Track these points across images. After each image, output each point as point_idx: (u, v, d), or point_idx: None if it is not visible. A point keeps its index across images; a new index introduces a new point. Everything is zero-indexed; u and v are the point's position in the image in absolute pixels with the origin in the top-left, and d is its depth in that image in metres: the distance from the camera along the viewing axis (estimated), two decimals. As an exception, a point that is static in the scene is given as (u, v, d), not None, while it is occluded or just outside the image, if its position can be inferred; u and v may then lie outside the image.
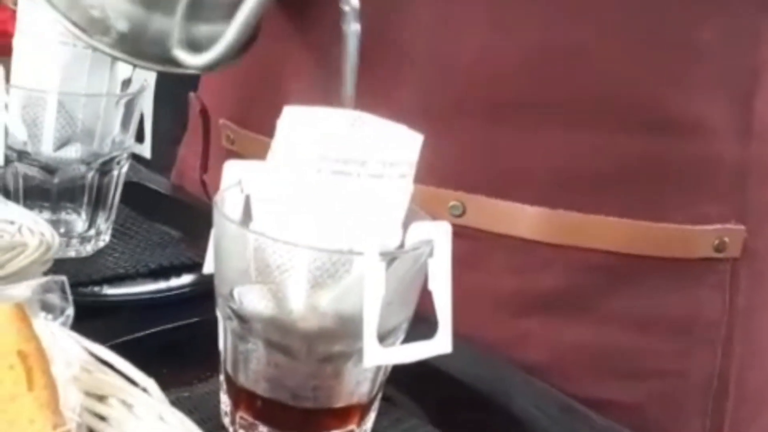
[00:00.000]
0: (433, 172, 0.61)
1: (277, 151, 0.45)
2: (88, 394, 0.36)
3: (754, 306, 0.66)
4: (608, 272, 0.63)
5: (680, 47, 0.62)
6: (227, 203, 0.46)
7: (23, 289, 0.34)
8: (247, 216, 0.47)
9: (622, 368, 0.64)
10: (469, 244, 0.62)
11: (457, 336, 0.45)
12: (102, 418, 0.36)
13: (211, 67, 0.58)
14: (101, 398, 0.37)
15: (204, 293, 0.57)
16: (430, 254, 0.45)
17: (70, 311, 0.37)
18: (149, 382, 0.37)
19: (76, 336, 0.38)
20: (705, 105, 0.62)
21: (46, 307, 0.36)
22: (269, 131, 0.46)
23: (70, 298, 0.37)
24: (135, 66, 0.59)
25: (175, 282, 0.63)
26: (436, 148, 0.61)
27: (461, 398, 0.53)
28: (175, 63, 0.58)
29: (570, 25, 0.60)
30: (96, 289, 0.61)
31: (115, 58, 0.59)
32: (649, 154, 0.62)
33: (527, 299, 0.63)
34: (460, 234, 0.61)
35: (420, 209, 0.47)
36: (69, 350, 0.37)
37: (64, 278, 0.37)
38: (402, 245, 0.45)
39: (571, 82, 0.61)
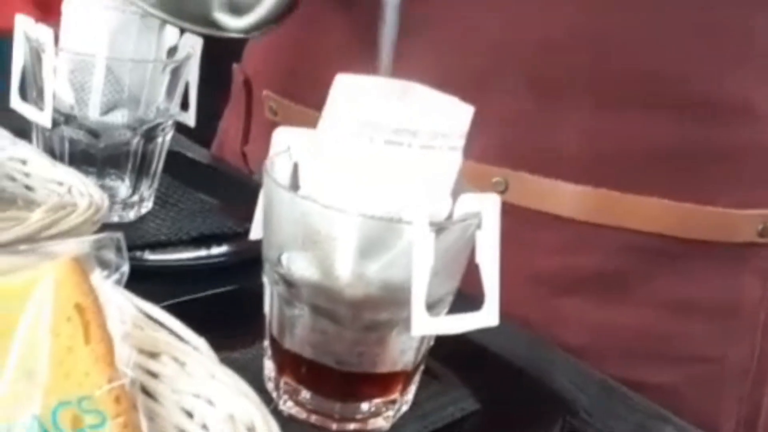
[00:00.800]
0: (478, 148, 0.61)
1: (328, 118, 0.45)
2: (141, 350, 0.37)
3: None
4: (650, 254, 0.63)
5: (733, 32, 0.61)
6: (277, 169, 0.46)
7: (79, 245, 0.35)
8: (294, 183, 0.47)
9: (659, 351, 0.64)
10: (511, 221, 0.61)
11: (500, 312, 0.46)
12: (154, 374, 0.37)
13: (251, 30, 0.58)
14: (153, 355, 0.37)
15: (244, 261, 0.57)
16: (479, 226, 0.45)
17: (126, 268, 0.37)
18: (200, 341, 0.37)
19: (128, 294, 0.38)
20: (754, 90, 0.62)
21: (102, 264, 0.36)
22: (313, 102, 0.46)
23: (126, 255, 0.37)
24: (176, 27, 0.59)
25: (215, 250, 0.63)
26: (480, 124, 0.61)
27: (501, 374, 0.53)
28: (217, 25, 0.58)
29: (623, 3, 0.59)
30: (138, 254, 0.61)
31: (156, 18, 0.59)
32: (695, 136, 0.62)
33: (567, 278, 0.63)
34: (502, 210, 0.62)
35: (467, 182, 0.47)
36: (122, 307, 0.37)
37: (120, 235, 0.37)
38: (450, 216, 0.45)
39: (621, 60, 0.61)
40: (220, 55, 0.82)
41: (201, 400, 0.35)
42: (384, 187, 0.44)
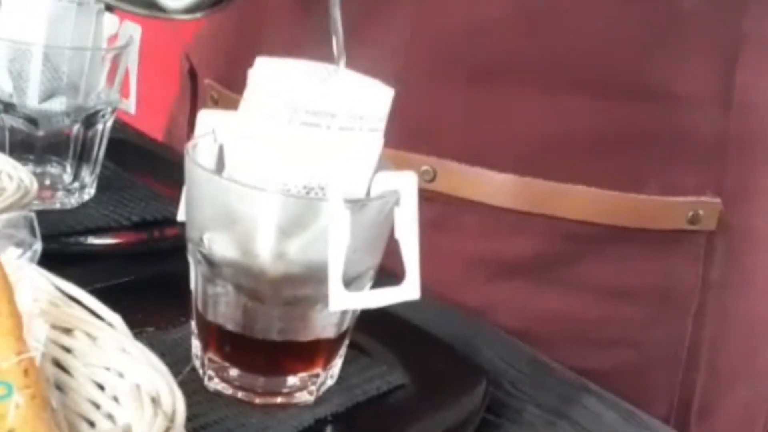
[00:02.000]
0: (405, 137, 0.62)
1: (249, 100, 0.46)
2: (55, 326, 0.38)
3: (729, 281, 0.66)
4: (578, 241, 0.63)
5: (664, 13, 0.61)
6: (200, 151, 0.47)
7: (-10, 223, 0.36)
8: (220, 165, 0.48)
9: (591, 337, 0.65)
10: (440, 209, 0.63)
11: (430, 296, 0.47)
12: (67, 349, 0.38)
13: (189, 12, 0.59)
14: (67, 331, 0.38)
15: (182, 245, 0.58)
16: (397, 203, 0.46)
17: (38, 246, 0.38)
18: (115, 317, 0.39)
19: (45, 272, 0.39)
20: (686, 74, 0.62)
21: (15, 243, 0.37)
22: None
23: (38, 233, 0.38)
24: (119, 9, 0.60)
25: (157, 234, 0.64)
26: (408, 112, 0.62)
27: (429, 349, 0.54)
28: (158, 7, 0.59)
29: None
30: (80, 239, 0.62)
31: (100, 1, 0.60)
32: (625, 122, 0.62)
33: (497, 265, 0.64)
34: (430, 198, 0.63)
35: (390, 165, 0.48)
36: (37, 284, 0.38)
37: (32, 214, 0.38)
38: (368, 195, 0.47)
39: (548, 45, 0.61)
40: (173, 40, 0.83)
41: (111, 372, 0.36)
42: (303, 168, 0.45)
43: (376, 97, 0.47)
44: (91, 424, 0.36)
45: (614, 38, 0.61)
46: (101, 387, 0.37)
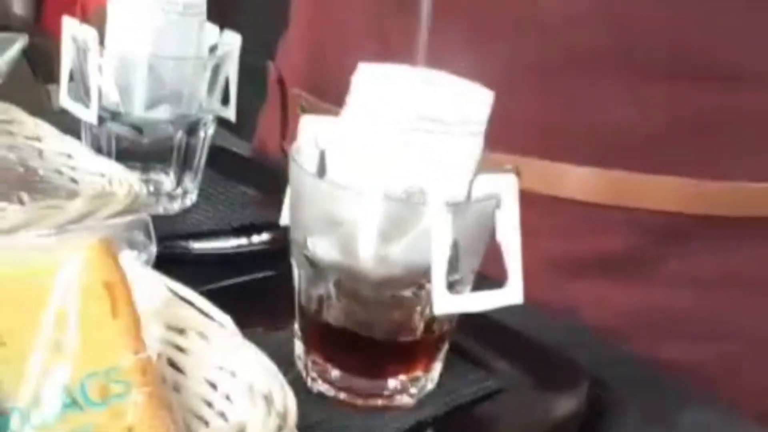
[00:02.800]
0: (487, 136, 0.62)
1: (351, 106, 0.47)
2: (169, 327, 0.39)
3: None
4: (664, 233, 0.63)
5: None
6: (303, 156, 0.48)
7: (109, 228, 0.37)
8: (322, 171, 0.49)
9: (680, 330, 0.64)
10: (524, 207, 0.62)
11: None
12: (181, 349, 0.39)
13: None
14: (181, 331, 0.39)
15: (282, 249, 0.59)
16: (498, 206, 0.46)
17: (153, 249, 0.39)
18: (226, 318, 0.40)
19: (159, 274, 0.41)
20: (760, 55, 0.62)
21: (131, 245, 0.38)
22: (340, 100, 0.47)
23: (154, 236, 0.39)
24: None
25: (256, 239, 0.65)
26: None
27: (525, 353, 0.54)
28: None
29: None
30: (182, 243, 0.64)
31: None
32: (702, 107, 0.62)
33: (581, 262, 0.64)
34: None
35: (491, 167, 0.49)
36: (152, 286, 0.39)
37: (148, 218, 0.39)
38: (469, 198, 0.47)
39: (623, 34, 0.61)
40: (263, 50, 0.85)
41: (224, 372, 0.37)
42: (404, 172, 0.46)
43: (476, 101, 0.47)
44: (205, 422, 0.37)
45: (688, 22, 0.61)
46: (214, 386, 0.38)
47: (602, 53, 0.62)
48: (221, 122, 0.70)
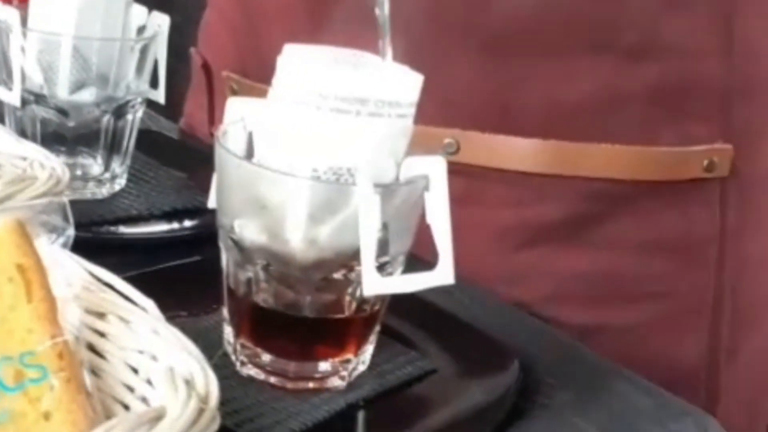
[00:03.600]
0: (427, 111, 0.62)
1: (277, 87, 0.46)
2: (89, 311, 0.38)
3: (744, 224, 0.67)
4: (605, 199, 0.64)
5: None
6: (230, 138, 0.47)
7: (24, 210, 0.36)
8: (250, 152, 0.48)
9: (620, 292, 0.66)
10: (465, 181, 0.63)
11: (459, 272, 0.47)
12: (101, 333, 0.38)
13: None
14: (101, 315, 0.38)
15: (212, 233, 0.59)
16: (426, 188, 0.46)
17: (71, 232, 0.38)
18: (148, 302, 0.39)
19: (78, 258, 0.40)
20: (691, 29, 0.64)
21: (49, 229, 0.37)
22: (270, 79, 0.47)
23: (71, 219, 0.38)
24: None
25: (187, 223, 0.64)
26: (427, 85, 0.62)
27: (459, 333, 0.54)
28: None
29: None
30: (111, 228, 0.62)
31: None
32: (639, 79, 0.63)
33: (526, 232, 0.65)
34: (455, 171, 0.62)
35: (418, 146, 0.48)
36: (71, 270, 0.38)
37: (65, 200, 0.38)
38: (397, 180, 0.46)
39: (563, 10, 0.62)
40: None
41: (145, 355, 0.37)
42: (332, 154, 0.45)
43: (405, 84, 0.47)
44: (126, 406, 0.36)
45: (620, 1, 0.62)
46: (135, 370, 0.37)
47: (540, 30, 0.62)
48: (153, 105, 0.69)
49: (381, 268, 0.45)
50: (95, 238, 0.60)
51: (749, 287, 0.69)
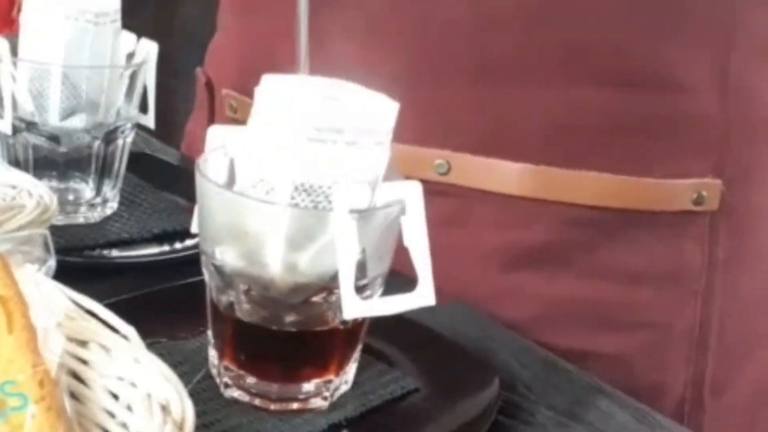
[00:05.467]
0: (418, 132, 0.64)
1: (256, 116, 0.47)
2: (71, 339, 0.39)
3: (733, 259, 0.68)
4: (592, 226, 0.65)
5: (666, 6, 0.63)
6: (210, 166, 0.48)
7: (5, 242, 0.37)
8: (232, 178, 0.49)
9: (606, 320, 0.66)
10: (455, 202, 0.64)
11: (445, 293, 0.48)
12: (83, 361, 0.39)
13: None
14: (83, 343, 0.39)
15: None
16: (403, 212, 0.47)
17: (52, 262, 0.39)
18: (129, 329, 0.40)
19: (61, 287, 0.41)
20: (686, 62, 0.64)
21: (31, 259, 0.39)
22: None
23: (52, 249, 0.40)
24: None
25: (178, 245, 0.65)
26: (420, 108, 0.64)
27: (442, 352, 0.55)
28: None
29: None
30: (103, 252, 0.64)
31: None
32: (630, 109, 0.64)
33: (514, 254, 0.66)
34: (445, 192, 0.65)
35: (397, 174, 0.49)
36: (53, 298, 0.39)
37: (46, 232, 0.39)
38: (373, 205, 0.47)
39: (555, 38, 0.63)
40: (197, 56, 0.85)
41: (125, 382, 0.38)
42: (310, 181, 0.46)
43: (381, 112, 0.48)
44: (107, 432, 0.37)
45: (620, 30, 0.63)
46: (116, 396, 0.38)
47: (534, 58, 0.63)
48: (149, 130, 0.70)
49: (360, 290, 0.46)
50: (86, 262, 0.62)
51: (737, 323, 0.69)
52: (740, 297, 0.69)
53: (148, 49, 0.65)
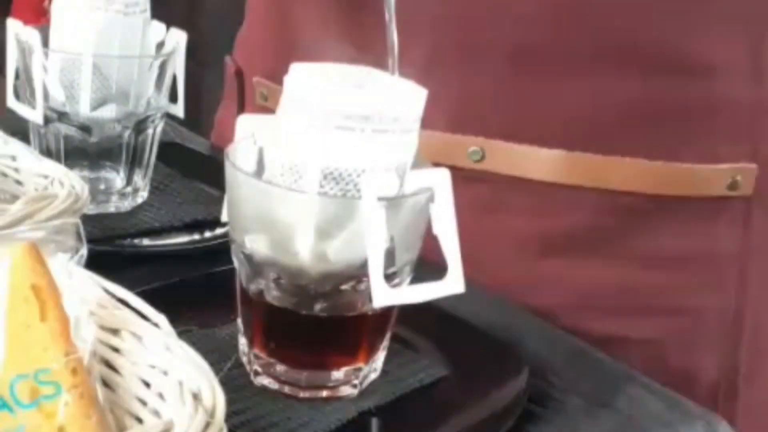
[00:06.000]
0: (452, 120, 0.64)
1: (285, 105, 0.48)
2: (103, 327, 0.39)
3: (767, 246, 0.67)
4: (626, 212, 0.65)
5: None
6: (239, 154, 0.49)
7: (38, 232, 0.38)
8: (261, 167, 0.49)
9: (640, 306, 0.66)
10: (489, 189, 0.65)
11: (476, 280, 0.48)
12: (115, 349, 0.39)
13: None
14: (115, 331, 0.40)
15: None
16: (431, 200, 0.47)
17: (84, 251, 0.40)
18: (160, 318, 0.40)
19: (93, 275, 0.41)
20: (720, 47, 0.64)
21: (63, 249, 0.39)
22: None
23: (84, 239, 0.40)
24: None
25: (208, 234, 0.66)
26: (454, 94, 0.63)
27: (471, 340, 0.55)
28: None
29: None
30: (134, 241, 0.64)
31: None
32: (665, 95, 0.64)
33: (547, 241, 0.66)
34: (480, 179, 0.65)
35: (426, 161, 0.49)
36: (85, 287, 0.40)
37: (78, 221, 0.40)
38: (402, 193, 0.47)
39: (586, 25, 0.63)
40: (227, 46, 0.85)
41: (156, 370, 0.38)
42: (340, 170, 0.46)
43: (409, 99, 0.48)
44: (139, 419, 0.38)
45: (653, 14, 0.63)
46: (147, 384, 0.38)
47: (566, 45, 0.63)
48: (178, 119, 0.71)
49: (389, 278, 0.46)
50: (117, 251, 0.62)
51: None
52: None
53: (178, 39, 0.66)
